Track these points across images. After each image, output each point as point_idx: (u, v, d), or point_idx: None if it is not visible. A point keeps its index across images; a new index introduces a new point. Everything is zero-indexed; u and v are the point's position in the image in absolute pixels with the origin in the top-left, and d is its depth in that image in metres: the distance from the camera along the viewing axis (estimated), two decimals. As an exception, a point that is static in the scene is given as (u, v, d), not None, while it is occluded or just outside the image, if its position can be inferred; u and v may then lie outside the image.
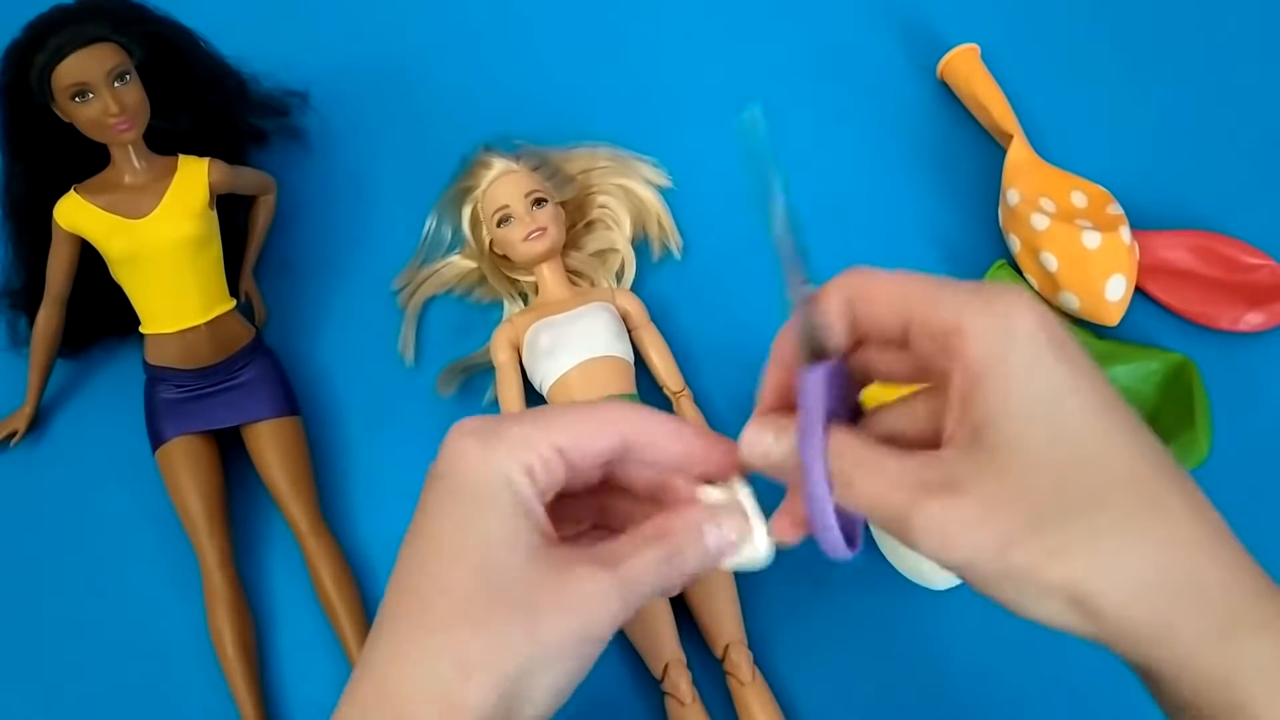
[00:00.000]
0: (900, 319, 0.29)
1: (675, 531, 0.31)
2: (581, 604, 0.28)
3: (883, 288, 0.29)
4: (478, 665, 0.27)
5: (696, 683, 0.46)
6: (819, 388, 0.29)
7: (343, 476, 0.54)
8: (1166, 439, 0.51)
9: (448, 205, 0.57)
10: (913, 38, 0.64)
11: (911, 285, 0.29)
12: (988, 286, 0.27)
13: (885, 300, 0.29)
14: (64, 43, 0.47)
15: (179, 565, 0.52)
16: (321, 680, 0.50)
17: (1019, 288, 0.27)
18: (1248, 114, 0.60)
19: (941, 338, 0.27)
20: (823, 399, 0.29)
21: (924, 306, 0.28)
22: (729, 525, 0.31)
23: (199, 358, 0.52)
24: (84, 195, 0.51)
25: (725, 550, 0.31)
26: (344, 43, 0.66)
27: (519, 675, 0.28)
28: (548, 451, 0.30)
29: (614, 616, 0.29)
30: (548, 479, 0.30)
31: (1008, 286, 0.27)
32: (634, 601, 0.29)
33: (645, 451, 0.32)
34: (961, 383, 0.27)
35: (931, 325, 0.28)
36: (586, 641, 0.29)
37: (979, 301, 0.27)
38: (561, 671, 0.29)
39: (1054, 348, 0.26)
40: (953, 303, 0.27)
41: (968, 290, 0.28)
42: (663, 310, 0.56)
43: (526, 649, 0.28)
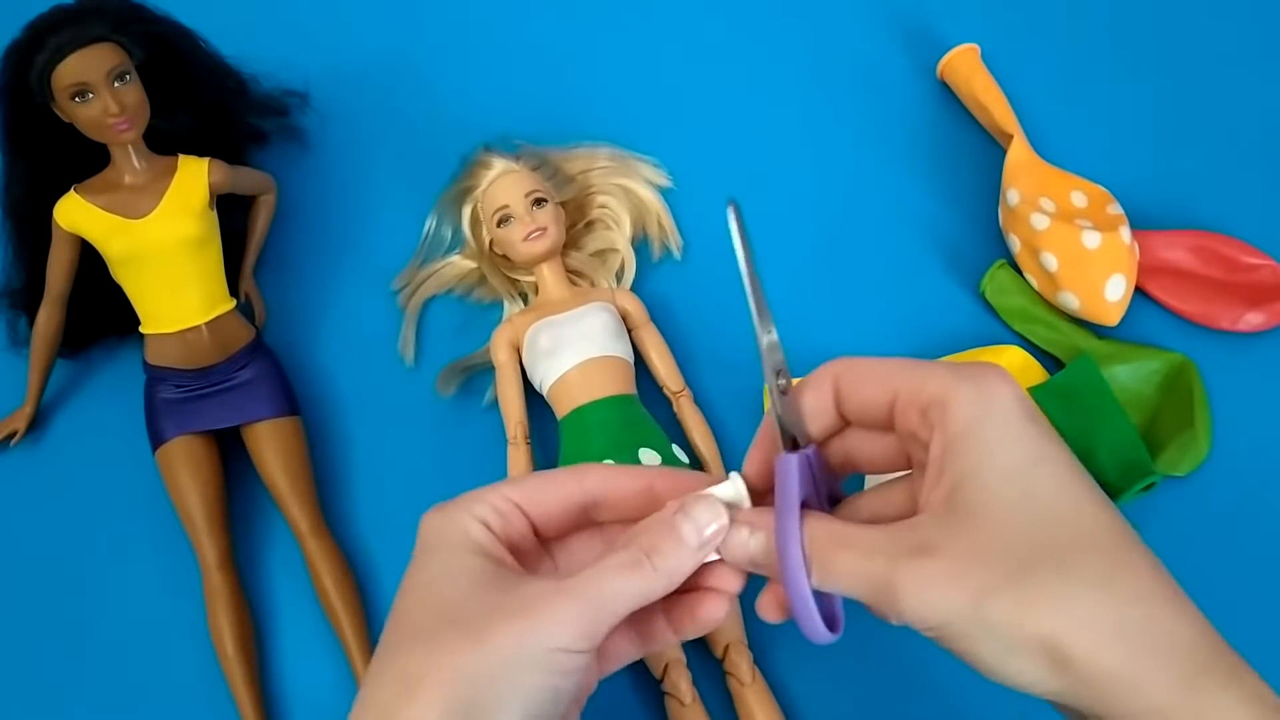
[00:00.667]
0: (887, 396, 0.30)
1: (642, 531, 0.31)
2: (527, 611, 0.29)
3: (869, 369, 0.31)
4: (419, 679, 0.28)
5: (696, 683, 0.46)
6: (793, 474, 0.30)
7: (343, 476, 0.54)
8: (1166, 439, 0.51)
9: (448, 205, 0.57)
10: (913, 38, 0.64)
11: (897, 365, 0.31)
12: (969, 364, 0.30)
13: (872, 380, 0.31)
14: (64, 43, 0.47)
15: (179, 565, 0.52)
16: (321, 680, 0.50)
17: (998, 366, 0.29)
18: (1248, 114, 0.60)
19: (926, 409, 0.29)
20: (797, 484, 0.30)
21: (910, 382, 0.30)
22: (704, 513, 0.31)
23: (199, 358, 0.52)
24: (84, 195, 0.51)
25: (707, 540, 0.31)
26: (344, 43, 0.66)
27: (467, 687, 0.28)
28: (500, 502, 0.32)
29: (572, 623, 0.29)
30: (504, 525, 0.32)
31: (988, 364, 0.29)
32: (601, 608, 0.29)
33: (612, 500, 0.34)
34: (940, 449, 0.28)
35: (917, 398, 0.29)
36: (543, 651, 0.28)
37: (961, 375, 0.29)
38: (527, 685, 0.28)
39: (1027, 420, 0.28)
40: (937, 378, 0.29)
41: (951, 367, 0.29)
42: (663, 310, 0.56)
43: (469, 660, 0.28)
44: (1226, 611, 0.48)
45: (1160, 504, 0.50)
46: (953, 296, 0.56)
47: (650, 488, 0.33)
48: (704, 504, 0.31)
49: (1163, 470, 0.50)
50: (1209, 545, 0.50)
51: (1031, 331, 0.54)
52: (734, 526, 0.31)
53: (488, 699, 0.28)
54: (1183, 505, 0.50)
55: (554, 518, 0.33)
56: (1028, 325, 0.54)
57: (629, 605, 0.30)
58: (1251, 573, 0.49)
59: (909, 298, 0.56)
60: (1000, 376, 0.29)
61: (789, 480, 0.30)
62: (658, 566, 0.30)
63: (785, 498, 0.30)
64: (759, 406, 0.54)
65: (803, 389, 0.32)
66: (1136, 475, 0.49)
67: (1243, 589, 0.49)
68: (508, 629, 0.28)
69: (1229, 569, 0.49)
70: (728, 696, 0.47)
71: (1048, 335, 0.54)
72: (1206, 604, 0.49)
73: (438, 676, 0.28)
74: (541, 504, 0.33)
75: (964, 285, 0.56)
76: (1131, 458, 0.50)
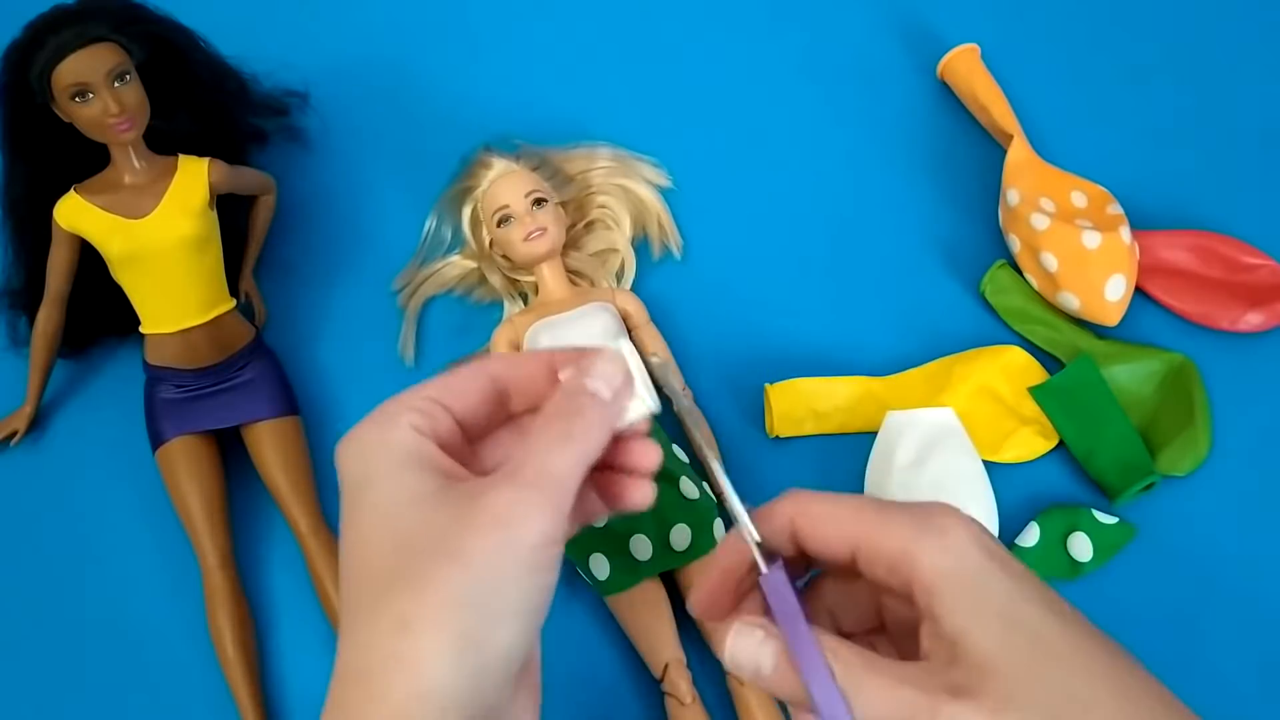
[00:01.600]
0: (846, 547, 0.30)
1: (557, 402, 0.31)
2: (498, 519, 0.28)
3: (824, 514, 0.31)
4: (415, 618, 0.27)
5: (696, 683, 0.46)
6: (789, 593, 0.30)
7: (343, 476, 0.54)
8: (1166, 439, 0.51)
9: (448, 205, 0.57)
10: (913, 38, 0.64)
11: (852, 511, 0.30)
12: (923, 510, 0.30)
13: (830, 528, 0.31)
14: (64, 43, 0.47)
15: (179, 565, 0.52)
16: (321, 680, 0.49)
17: (951, 508, 0.30)
18: (1248, 114, 0.60)
19: (891, 563, 0.29)
20: (795, 598, 0.29)
21: (869, 537, 0.30)
22: (603, 364, 0.31)
23: (199, 358, 0.52)
24: (84, 195, 0.51)
25: (619, 390, 0.31)
26: (344, 43, 0.66)
27: (465, 611, 0.27)
28: (419, 402, 0.31)
29: (543, 516, 0.29)
30: (432, 424, 0.31)
31: (942, 508, 0.30)
32: (559, 491, 0.29)
33: (520, 385, 0.33)
34: (924, 601, 0.29)
35: (880, 553, 0.29)
36: (525, 551, 0.28)
37: (917, 523, 0.29)
38: (516, 591, 0.28)
39: (998, 564, 0.28)
40: (895, 531, 0.29)
41: (911, 517, 0.30)
42: (663, 310, 0.56)
43: (459, 583, 0.28)
44: (1227, 611, 0.49)
45: (1160, 504, 0.50)
46: (953, 296, 0.56)
47: (550, 365, 0.33)
48: (602, 358, 0.31)
49: (1163, 470, 0.50)
50: (1209, 545, 0.50)
51: (1031, 331, 0.54)
52: (744, 628, 0.31)
53: (490, 616, 0.28)
54: (1183, 505, 0.50)
55: (473, 409, 0.33)
56: (1028, 325, 0.54)
57: (578, 478, 0.30)
58: (1251, 572, 0.49)
59: (909, 298, 0.56)
60: (956, 521, 0.29)
61: (788, 597, 0.29)
62: (585, 429, 0.30)
63: (788, 613, 0.29)
64: (759, 406, 0.54)
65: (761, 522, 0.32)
66: (1136, 475, 0.49)
67: (1243, 589, 0.49)
68: (486, 542, 0.28)
69: (1229, 569, 0.49)
70: (728, 696, 0.47)
71: (1048, 335, 0.54)
72: (1207, 604, 0.49)
73: (435, 610, 0.27)
74: (459, 396, 0.32)
75: (964, 285, 0.56)
76: (1131, 458, 0.50)
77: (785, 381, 0.53)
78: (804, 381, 0.53)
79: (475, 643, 0.27)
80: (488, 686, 0.28)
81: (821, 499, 0.31)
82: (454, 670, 0.27)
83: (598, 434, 0.31)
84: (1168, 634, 0.48)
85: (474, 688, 0.27)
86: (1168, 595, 0.49)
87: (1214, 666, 0.48)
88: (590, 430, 0.30)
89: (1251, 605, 0.49)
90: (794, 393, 0.53)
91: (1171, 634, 0.48)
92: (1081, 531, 0.48)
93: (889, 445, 0.49)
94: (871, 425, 0.52)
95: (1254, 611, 0.48)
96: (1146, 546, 0.49)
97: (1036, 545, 0.49)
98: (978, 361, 0.53)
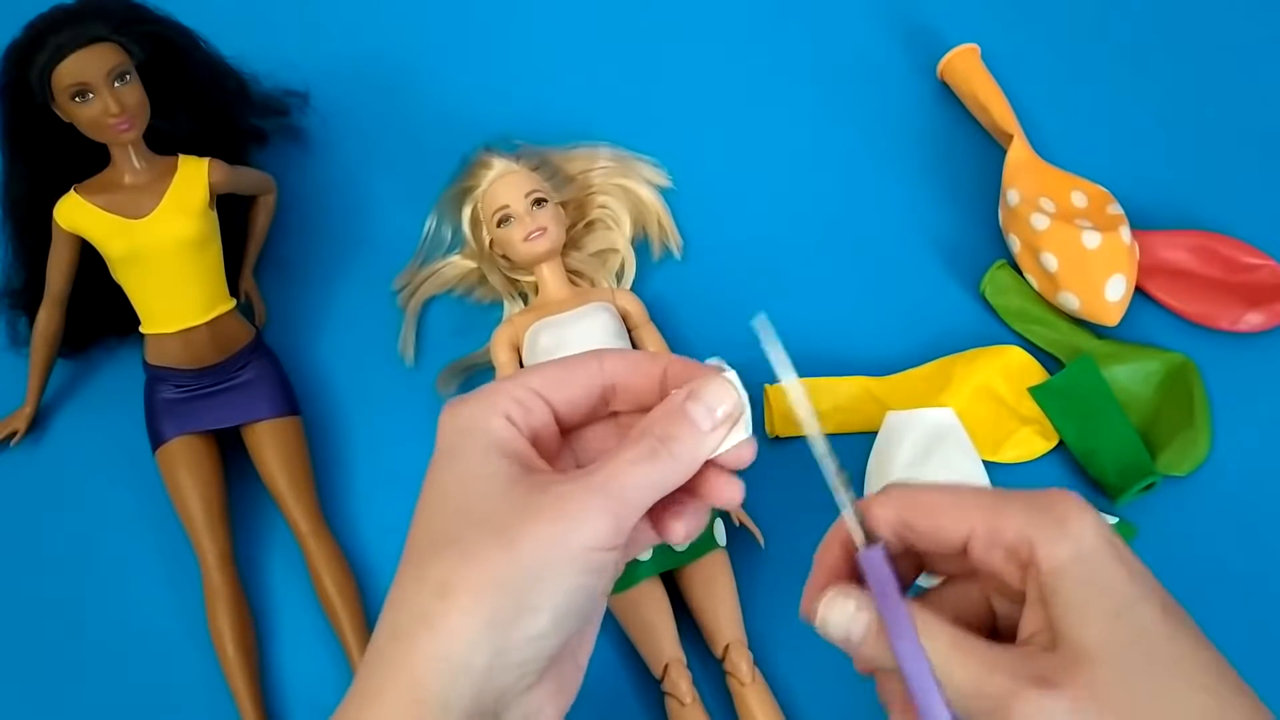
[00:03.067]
0: (961, 534, 0.30)
1: (656, 420, 0.31)
2: (557, 512, 0.29)
3: (938, 504, 0.31)
4: (455, 586, 0.28)
5: (696, 683, 0.46)
6: (885, 568, 0.30)
7: (343, 476, 0.54)
8: (1166, 439, 0.51)
9: (448, 205, 0.57)
10: (913, 38, 0.64)
11: (966, 499, 0.30)
12: (1044, 497, 0.29)
13: (943, 516, 0.30)
14: (64, 43, 0.47)
15: (179, 565, 0.52)
16: (321, 680, 0.50)
17: (1068, 493, 0.29)
18: (1248, 114, 0.60)
19: (1009, 549, 0.29)
20: (894, 579, 0.29)
21: (986, 522, 0.29)
22: (712, 394, 0.31)
23: (199, 358, 0.52)
24: (84, 195, 0.51)
25: (720, 421, 0.31)
26: (344, 43, 0.66)
27: (503, 592, 0.28)
28: (522, 393, 0.32)
29: (601, 519, 0.29)
30: (527, 417, 0.32)
31: (1060, 494, 0.29)
32: (626, 502, 0.29)
33: (629, 385, 0.33)
34: (1036, 589, 0.28)
35: (998, 539, 0.29)
36: (576, 549, 0.28)
37: (1041, 512, 0.29)
38: (560, 586, 0.28)
39: (1118, 558, 0.28)
40: (1015, 517, 0.29)
41: (1024, 500, 0.29)
42: (663, 310, 0.56)
43: (504, 564, 0.28)
44: (1227, 611, 0.49)
45: (1160, 504, 0.50)
46: (953, 296, 0.56)
47: (664, 373, 0.33)
48: (712, 385, 0.31)
49: (1163, 470, 0.50)
50: (1209, 545, 0.50)
51: (1031, 331, 0.54)
52: (839, 596, 0.31)
53: (524, 602, 0.28)
54: (1183, 505, 0.50)
55: (575, 404, 0.33)
56: (1028, 325, 0.54)
57: (652, 496, 0.30)
58: (1251, 572, 0.49)
59: (909, 298, 0.56)
60: (1078, 507, 0.29)
61: (884, 572, 0.30)
62: (674, 453, 0.30)
63: (887, 592, 0.29)
64: (759, 406, 0.54)
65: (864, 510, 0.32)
66: (1136, 475, 0.49)
67: (1243, 589, 0.49)
68: (540, 531, 0.28)
69: (1229, 569, 0.49)
70: (728, 696, 0.47)
71: (1048, 335, 0.54)
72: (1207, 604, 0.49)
73: (475, 583, 0.28)
74: (563, 389, 0.32)
75: (964, 285, 0.56)
76: (1131, 458, 0.50)
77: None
78: (804, 381, 0.53)
79: (502, 623, 0.28)
80: (505, 669, 0.28)
81: (930, 489, 0.31)
82: (476, 644, 0.28)
83: (684, 464, 0.31)
84: (1168, 634, 0.48)
85: (490, 666, 0.28)
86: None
87: (1214, 666, 0.48)
88: (677, 458, 0.30)
89: (1252, 605, 0.49)
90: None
91: (1171, 634, 0.48)
92: (1081, 531, 0.48)
93: (889, 445, 0.49)
94: (871, 425, 0.52)
95: (1254, 611, 0.48)
96: (1146, 546, 0.49)
97: (1036, 545, 0.49)
98: (978, 361, 0.53)
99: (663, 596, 0.48)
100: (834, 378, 0.53)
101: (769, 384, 0.53)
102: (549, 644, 0.29)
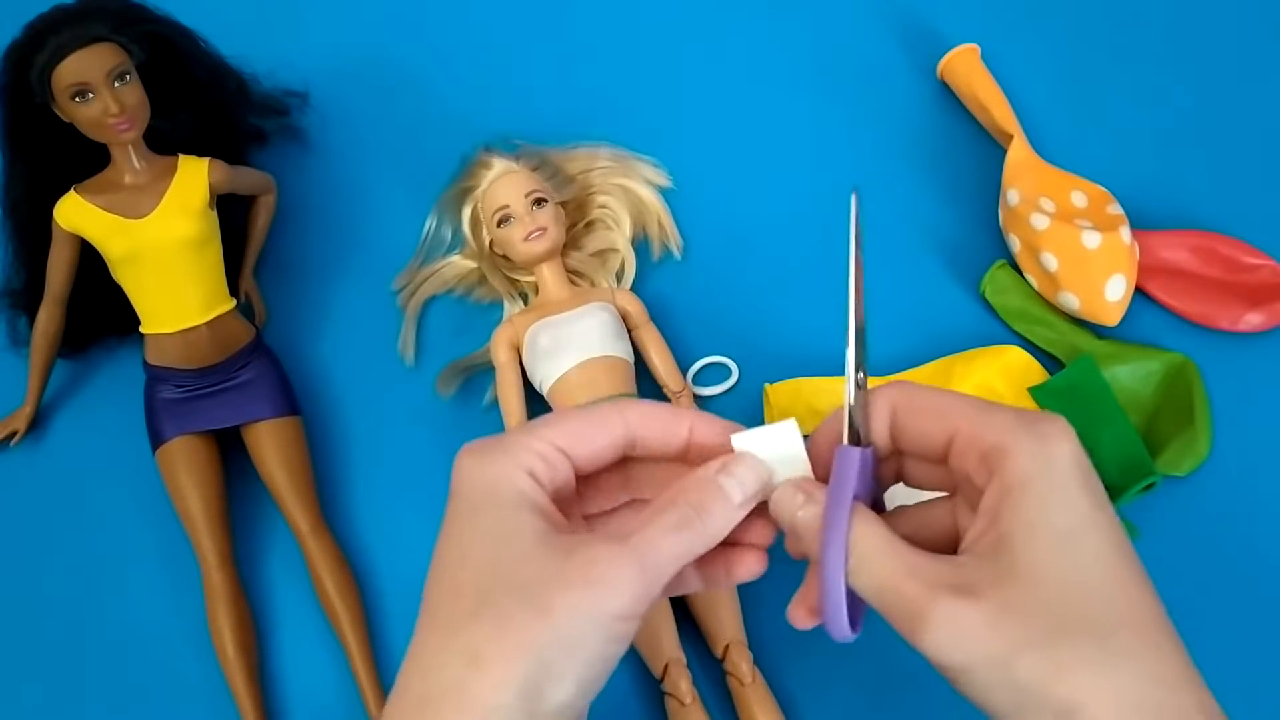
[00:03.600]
0: (945, 433, 0.30)
1: (688, 490, 0.31)
2: (591, 579, 0.28)
3: (930, 402, 0.31)
4: (489, 657, 0.28)
5: (696, 683, 0.46)
6: (853, 466, 0.30)
7: (343, 476, 0.54)
8: (1166, 439, 0.51)
9: (448, 205, 0.57)
10: (913, 38, 0.64)
11: (958, 403, 0.30)
12: (1031, 412, 0.30)
13: (933, 414, 0.31)
14: (64, 43, 0.47)
15: (179, 565, 0.52)
16: (322, 681, 0.50)
17: (1059, 419, 0.29)
18: (1248, 114, 0.60)
19: (985, 455, 0.29)
20: (855, 477, 0.30)
21: (970, 424, 0.30)
22: (746, 472, 0.31)
23: (199, 358, 0.52)
24: (84, 195, 0.51)
25: (751, 497, 0.31)
26: (345, 43, 0.66)
27: (535, 661, 0.27)
28: (546, 449, 0.31)
29: (633, 589, 0.29)
30: (551, 474, 0.31)
31: (1050, 415, 0.29)
32: (657, 572, 0.29)
33: (650, 442, 0.33)
34: (994, 496, 0.28)
35: (977, 442, 0.29)
36: (606, 619, 0.28)
37: (1024, 424, 0.29)
38: (586, 655, 0.28)
39: (1084, 481, 0.28)
40: (999, 423, 0.29)
41: (1013, 413, 0.29)
42: (663, 310, 0.56)
43: (538, 633, 0.28)
44: (1227, 611, 0.49)
45: (1160, 504, 0.50)
46: (953, 296, 0.56)
47: (691, 431, 0.33)
48: (746, 463, 0.32)
49: (1163, 470, 0.50)
50: (1209, 545, 0.50)
51: (1031, 331, 0.54)
52: (791, 485, 0.31)
53: (554, 672, 0.28)
54: (1183, 505, 0.50)
55: (597, 459, 0.33)
56: (1028, 325, 0.54)
57: (678, 565, 0.30)
58: (1251, 572, 0.49)
59: (909, 298, 0.56)
60: (1062, 431, 0.29)
61: (848, 471, 0.30)
62: (705, 524, 0.30)
63: (840, 487, 0.30)
64: (759, 406, 0.54)
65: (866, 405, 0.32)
66: (1136, 475, 0.49)
67: (1243, 589, 0.49)
68: (572, 599, 0.28)
69: (1229, 569, 0.49)
70: (728, 696, 0.47)
71: (1048, 335, 0.54)
72: (1207, 603, 0.49)
73: (510, 653, 0.27)
74: (586, 444, 0.32)
75: (964, 285, 0.56)
76: (1131, 458, 0.50)
77: (785, 381, 0.53)
78: (804, 381, 0.53)
79: (536, 693, 0.27)
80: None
81: (928, 390, 0.31)
82: (505, 713, 0.27)
83: (714, 533, 0.31)
84: (1168, 634, 0.48)
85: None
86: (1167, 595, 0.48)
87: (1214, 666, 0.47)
88: (708, 529, 0.31)
89: (1252, 605, 0.49)
90: (794, 392, 0.53)
91: (1171, 634, 0.48)
92: (1081, 531, 0.48)
93: (889, 445, 0.49)
94: (871, 425, 0.52)
95: (1254, 611, 0.48)
96: (1146, 546, 0.49)
97: (1036, 545, 0.49)
98: (978, 361, 0.53)
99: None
100: (834, 377, 0.53)
101: (768, 384, 0.53)
102: (574, 709, 0.29)
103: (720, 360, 0.55)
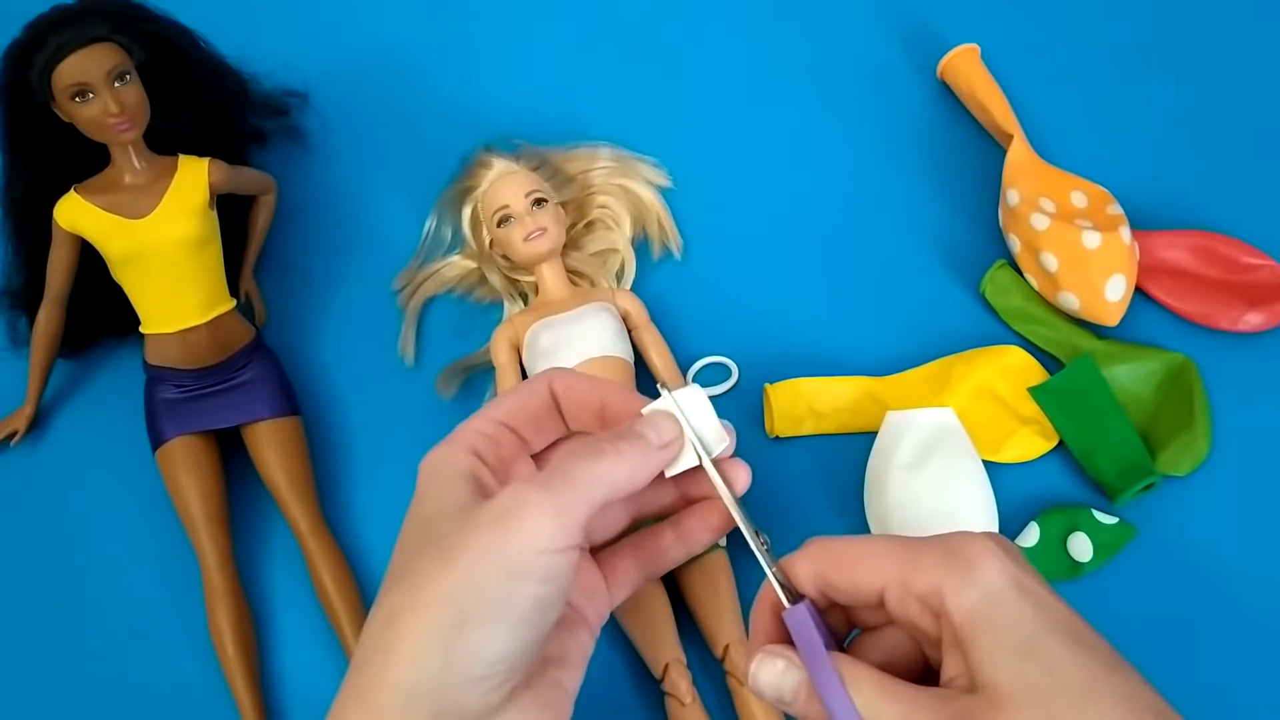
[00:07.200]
0: (875, 585, 0.30)
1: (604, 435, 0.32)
2: (497, 517, 0.29)
3: (851, 555, 0.31)
4: (403, 609, 0.29)
5: (696, 683, 0.46)
6: (808, 622, 0.30)
7: (343, 476, 0.54)
8: (1166, 439, 0.51)
9: (448, 205, 0.57)
10: (913, 38, 0.64)
11: (878, 550, 0.31)
12: (953, 543, 0.30)
13: (858, 568, 0.31)
14: (64, 43, 0.47)
15: (179, 565, 0.52)
16: (321, 680, 0.50)
17: (978, 535, 0.30)
18: (1248, 114, 0.60)
19: (920, 599, 0.29)
20: (816, 631, 0.30)
21: (898, 574, 0.30)
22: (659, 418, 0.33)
23: (199, 358, 0.52)
24: (84, 195, 0.51)
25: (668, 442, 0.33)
26: (344, 43, 0.66)
27: (450, 608, 0.28)
28: (488, 426, 0.33)
29: (549, 520, 0.29)
30: (496, 449, 0.33)
31: (970, 539, 0.30)
32: (573, 499, 0.29)
33: (571, 409, 0.35)
34: (950, 634, 0.29)
35: (910, 591, 0.30)
36: (521, 554, 0.28)
37: (947, 559, 0.29)
38: (506, 596, 0.28)
39: (1023, 596, 0.29)
40: (925, 565, 0.29)
41: (936, 547, 0.30)
42: (663, 310, 0.56)
43: (448, 580, 0.28)
44: (1227, 611, 0.49)
45: (1160, 504, 0.50)
46: (953, 296, 0.56)
47: (602, 399, 0.35)
48: (658, 414, 0.33)
49: (1163, 470, 0.50)
50: (1209, 545, 0.50)
51: (1031, 331, 0.54)
52: (768, 658, 0.31)
53: (467, 614, 0.28)
54: (1183, 505, 0.50)
55: (539, 424, 0.35)
56: (1028, 325, 0.54)
57: (597, 494, 0.30)
58: (1251, 573, 0.49)
59: (909, 298, 0.56)
60: (985, 551, 0.29)
61: (807, 628, 0.30)
62: (622, 451, 0.31)
63: (810, 646, 0.30)
64: (759, 406, 0.54)
65: (788, 569, 0.32)
66: (1136, 475, 0.49)
67: (1243, 589, 0.49)
68: (481, 540, 0.29)
69: (1229, 569, 0.49)
70: (728, 696, 0.47)
71: (1048, 335, 0.54)
72: (1206, 604, 0.49)
73: (420, 604, 0.28)
74: (521, 411, 0.34)
75: (964, 285, 0.56)
76: (1131, 458, 0.50)
77: (785, 381, 0.53)
78: (804, 381, 0.53)
79: (447, 638, 0.28)
80: (461, 686, 0.28)
81: (848, 542, 0.31)
82: (423, 663, 0.28)
83: (633, 463, 0.31)
84: (1167, 634, 0.48)
85: (441, 683, 0.28)
86: (1167, 595, 0.49)
87: (1213, 667, 0.48)
88: (625, 456, 0.31)
89: (1251, 605, 0.49)
90: (794, 392, 0.53)
91: (1171, 634, 0.48)
92: (1081, 532, 0.48)
93: (889, 445, 0.49)
94: (871, 425, 0.52)
95: (1254, 612, 0.48)
96: (1146, 546, 0.49)
97: (1036, 545, 0.49)
98: (978, 361, 0.53)
99: (663, 596, 0.48)
100: (834, 377, 0.53)
101: (768, 384, 0.53)
102: (509, 657, 0.29)
103: (720, 360, 0.55)
